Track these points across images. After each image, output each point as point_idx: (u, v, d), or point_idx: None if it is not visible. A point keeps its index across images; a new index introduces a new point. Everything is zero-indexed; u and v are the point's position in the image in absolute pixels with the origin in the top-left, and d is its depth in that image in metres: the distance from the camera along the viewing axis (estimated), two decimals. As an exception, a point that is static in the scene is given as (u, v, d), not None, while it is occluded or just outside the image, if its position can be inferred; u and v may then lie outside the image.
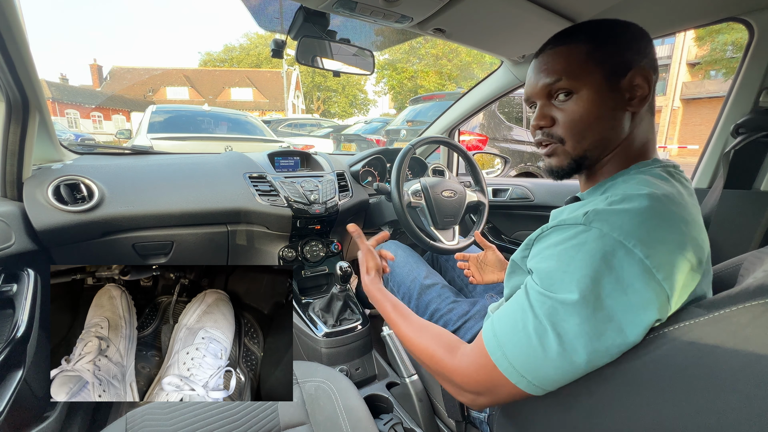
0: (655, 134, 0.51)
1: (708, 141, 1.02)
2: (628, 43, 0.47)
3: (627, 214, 0.40)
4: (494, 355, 0.44)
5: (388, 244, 1.18)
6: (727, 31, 12.68)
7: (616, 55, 0.47)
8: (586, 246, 0.39)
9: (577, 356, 0.39)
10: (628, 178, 0.47)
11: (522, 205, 1.58)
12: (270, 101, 23.93)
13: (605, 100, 0.47)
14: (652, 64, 0.48)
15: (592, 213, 0.41)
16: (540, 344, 0.40)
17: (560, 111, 0.50)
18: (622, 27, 0.48)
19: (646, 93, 0.47)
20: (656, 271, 0.37)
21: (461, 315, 0.85)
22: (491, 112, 3.41)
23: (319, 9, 0.83)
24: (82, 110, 22.26)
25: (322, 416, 0.65)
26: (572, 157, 0.51)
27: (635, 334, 0.38)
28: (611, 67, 0.47)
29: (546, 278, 0.42)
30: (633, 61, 0.47)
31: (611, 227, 0.39)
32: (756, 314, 0.31)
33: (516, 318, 0.44)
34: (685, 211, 0.42)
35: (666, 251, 0.38)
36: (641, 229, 0.38)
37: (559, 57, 0.49)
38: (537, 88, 0.51)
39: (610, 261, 0.38)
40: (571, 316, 0.39)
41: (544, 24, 0.87)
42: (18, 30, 0.72)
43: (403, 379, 0.84)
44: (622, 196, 0.42)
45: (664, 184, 0.44)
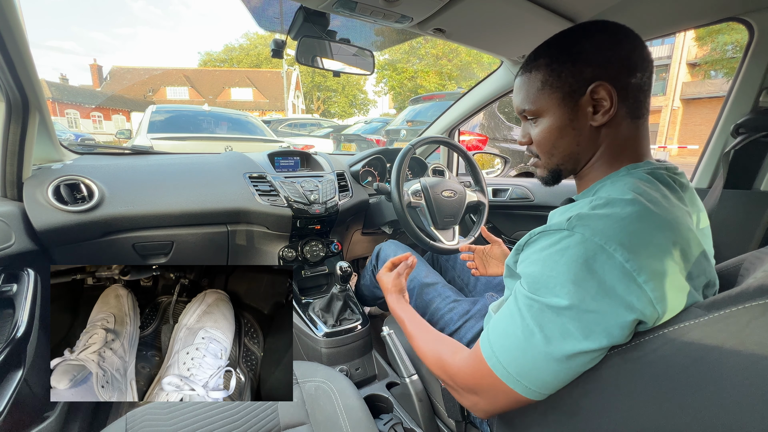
0: (643, 136, 0.50)
1: (708, 141, 1.02)
2: (588, 60, 0.47)
3: (609, 218, 0.41)
4: (490, 361, 0.45)
5: (388, 243, 1.18)
6: (727, 31, 12.68)
7: (572, 75, 0.48)
8: (569, 251, 0.41)
9: (566, 357, 0.40)
10: (615, 180, 0.48)
11: (522, 205, 1.58)
12: (270, 101, 23.93)
13: (566, 120, 0.50)
14: (616, 75, 0.47)
15: (575, 218, 0.42)
16: (530, 347, 0.42)
17: (533, 129, 0.54)
18: (583, 43, 0.48)
19: (609, 106, 0.47)
20: (637, 274, 0.38)
21: (462, 314, 0.85)
22: (491, 112, 3.41)
23: (319, 9, 0.83)
24: (82, 110, 22.26)
25: (322, 416, 0.65)
26: (548, 170, 0.55)
27: (621, 336, 0.39)
28: (569, 88, 0.48)
29: (533, 283, 0.43)
30: (593, 77, 0.47)
31: (593, 232, 0.40)
32: (756, 314, 0.31)
33: (507, 323, 0.45)
34: (669, 214, 0.42)
35: (647, 255, 0.38)
36: (622, 234, 0.39)
37: (522, 86, 0.53)
38: (516, 109, 0.56)
39: (592, 265, 0.39)
40: (557, 318, 0.40)
41: (544, 24, 0.87)
42: (18, 30, 0.72)
43: (403, 379, 0.84)
44: (605, 200, 0.43)
45: (648, 187, 0.44)
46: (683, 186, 0.50)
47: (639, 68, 0.47)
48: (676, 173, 0.50)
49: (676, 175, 0.50)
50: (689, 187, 0.51)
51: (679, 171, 0.51)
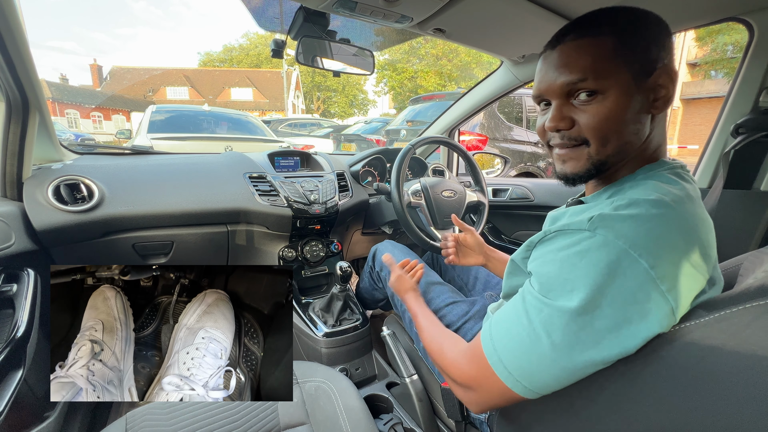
0: (666, 136, 0.48)
1: (708, 141, 1.02)
2: (655, 38, 0.43)
3: (633, 220, 0.38)
4: (491, 359, 0.44)
5: (384, 243, 1.18)
6: (727, 31, 12.67)
7: (643, 51, 0.42)
8: (590, 253, 0.38)
9: (572, 364, 0.38)
10: (635, 183, 0.44)
11: (522, 205, 1.58)
12: (270, 101, 23.93)
13: (632, 103, 0.43)
14: (671, 62, 0.43)
15: (597, 218, 0.39)
16: (535, 351, 0.40)
17: (582, 112, 0.45)
18: (647, 18, 0.43)
19: (671, 94, 0.43)
20: (660, 282, 0.36)
21: (461, 315, 0.85)
22: (491, 112, 3.41)
23: (319, 9, 0.83)
24: (82, 110, 22.25)
25: (322, 416, 0.65)
26: (593, 162, 0.46)
27: (633, 345, 0.37)
28: (640, 66, 0.42)
29: (545, 283, 0.41)
30: (659, 59, 0.43)
31: (617, 234, 0.37)
32: (756, 315, 0.31)
33: (512, 323, 0.43)
34: (696, 212, 0.40)
35: (671, 261, 0.36)
36: (648, 238, 0.37)
37: (583, 52, 0.43)
38: (554, 86, 0.46)
39: (615, 270, 0.36)
40: (567, 323, 0.38)
41: (544, 24, 0.87)
42: (18, 30, 0.72)
43: (403, 379, 0.84)
44: (628, 201, 0.40)
45: (673, 187, 0.42)
46: (694, 188, 0.48)
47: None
48: (687, 172, 0.48)
49: (687, 174, 0.48)
50: (695, 185, 0.50)
51: (687, 170, 0.49)
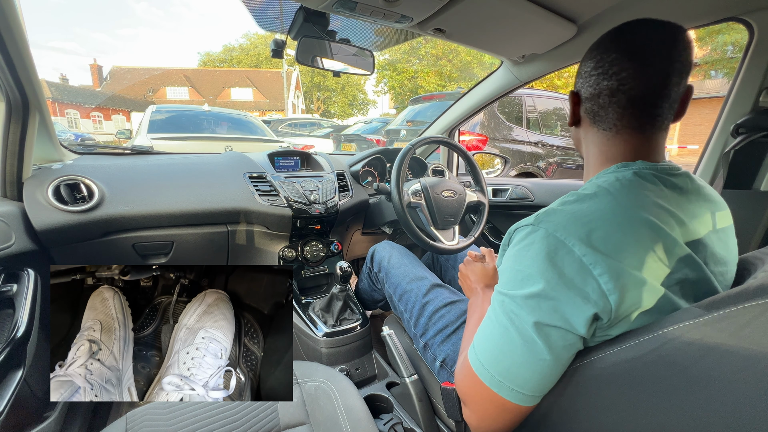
0: (628, 141, 0.48)
1: (708, 141, 1.02)
2: (579, 69, 0.53)
3: (572, 213, 0.43)
4: (475, 366, 0.46)
5: (382, 244, 1.18)
6: (727, 31, 12.66)
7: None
8: (534, 245, 0.43)
9: (538, 349, 0.41)
10: (600, 175, 0.50)
11: (522, 205, 1.58)
12: (270, 101, 23.93)
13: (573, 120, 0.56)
14: (582, 85, 0.52)
15: (542, 213, 0.45)
16: (507, 343, 0.43)
17: None
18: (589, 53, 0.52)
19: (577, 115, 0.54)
20: (593, 267, 0.39)
21: (460, 315, 0.85)
22: (491, 112, 3.41)
23: (319, 9, 0.83)
24: (82, 110, 22.26)
25: (322, 416, 0.65)
26: None
27: (581, 327, 0.40)
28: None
29: (504, 278, 0.46)
30: (576, 85, 0.54)
31: (555, 226, 0.42)
32: (756, 314, 0.31)
33: (486, 325, 0.47)
34: (639, 212, 0.42)
35: (605, 250, 0.40)
36: (583, 229, 0.41)
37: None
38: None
39: (553, 258, 0.41)
40: (524, 310, 0.42)
41: (544, 24, 0.87)
42: (18, 30, 0.72)
43: (403, 379, 0.84)
44: (576, 197, 0.45)
45: (625, 184, 0.45)
46: (680, 188, 0.47)
47: None
48: (670, 174, 0.48)
49: (670, 177, 0.47)
50: (689, 189, 0.48)
51: (678, 173, 0.48)
